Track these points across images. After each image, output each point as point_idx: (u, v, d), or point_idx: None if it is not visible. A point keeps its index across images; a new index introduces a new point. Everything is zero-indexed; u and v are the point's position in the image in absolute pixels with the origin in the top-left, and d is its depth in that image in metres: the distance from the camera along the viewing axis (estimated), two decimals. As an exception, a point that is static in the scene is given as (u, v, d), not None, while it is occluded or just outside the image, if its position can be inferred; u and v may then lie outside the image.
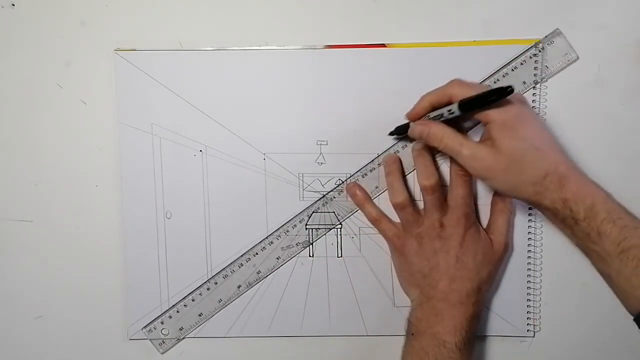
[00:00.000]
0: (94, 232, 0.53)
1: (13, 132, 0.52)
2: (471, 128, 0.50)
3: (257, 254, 0.52)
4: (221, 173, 0.52)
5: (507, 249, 0.50)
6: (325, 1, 0.50)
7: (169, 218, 0.52)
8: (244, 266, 0.53)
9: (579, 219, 0.42)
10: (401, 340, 0.51)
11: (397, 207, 0.50)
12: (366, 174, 0.52)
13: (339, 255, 0.53)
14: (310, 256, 0.52)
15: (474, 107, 0.44)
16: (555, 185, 0.43)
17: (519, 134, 0.43)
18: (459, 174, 0.49)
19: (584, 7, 0.50)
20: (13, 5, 0.51)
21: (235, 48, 0.51)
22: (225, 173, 0.52)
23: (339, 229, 0.53)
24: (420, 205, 0.51)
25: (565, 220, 0.43)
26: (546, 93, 0.50)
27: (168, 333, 0.53)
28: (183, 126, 0.51)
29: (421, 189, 0.48)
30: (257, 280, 0.53)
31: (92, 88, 0.51)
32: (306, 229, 0.53)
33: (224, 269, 0.53)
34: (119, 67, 0.51)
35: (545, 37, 0.49)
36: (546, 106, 0.50)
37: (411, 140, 0.50)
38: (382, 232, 0.51)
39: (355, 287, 0.53)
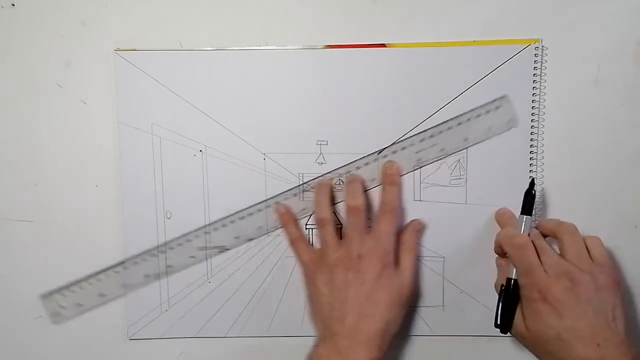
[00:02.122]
0: (94, 232, 0.53)
1: (13, 132, 0.52)
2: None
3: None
4: (221, 173, 0.52)
5: (413, 289, 0.49)
6: (325, 1, 0.50)
7: (169, 218, 0.52)
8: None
9: None
10: (402, 340, 0.52)
11: (320, 222, 0.49)
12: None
13: (339, 255, 0.53)
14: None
15: None
16: None
17: (545, 320, 0.43)
18: (387, 209, 0.49)
19: (584, 7, 0.50)
20: (13, 5, 0.51)
21: (235, 48, 0.51)
22: (225, 173, 0.52)
23: (338, 229, 0.52)
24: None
25: None
26: (546, 93, 0.50)
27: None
28: (183, 126, 0.51)
29: (346, 210, 0.48)
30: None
31: (92, 88, 0.51)
32: (306, 228, 0.52)
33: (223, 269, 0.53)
34: (119, 67, 0.51)
35: (493, 101, 0.50)
36: (545, 106, 0.50)
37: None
38: (297, 255, 0.50)
39: (355, 287, 0.53)
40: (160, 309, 0.53)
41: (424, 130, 0.50)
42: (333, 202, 0.51)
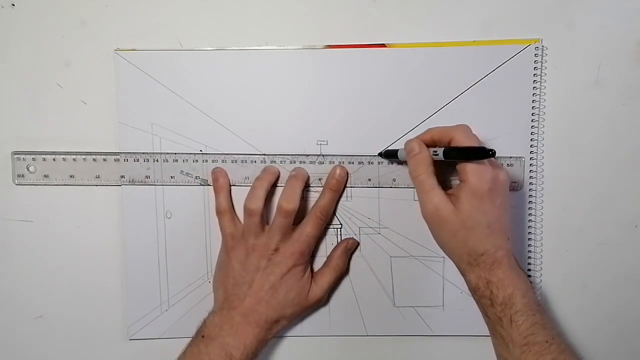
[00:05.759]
0: (94, 232, 0.53)
1: (13, 132, 0.52)
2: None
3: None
4: (221, 173, 0.52)
5: (320, 301, 0.51)
6: (325, 1, 0.50)
7: (169, 218, 0.52)
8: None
9: (495, 303, 0.45)
10: (401, 340, 0.52)
11: (248, 211, 0.49)
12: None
13: (339, 255, 0.53)
14: (310, 256, 0.52)
15: (456, 157, 0.45)
16: (487, 265, 0.45)
17: (482, 207, 0.44)
18: (318, 215, 0.50)
19: (584, 7, 0.50)
20: (13, 5, 0.51)
21: (235, 48, 0.51)
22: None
23: (338, 229, 0.52)
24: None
25: (482, 299, 0.46)
26: (546, 93, 0.50)
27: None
28: (183, 126, 0.51)
29: (277, 208, 0.49)
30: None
31: (92, 88, 0.51)
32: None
33: (224, 269, 0.53)
34: (119, 67, 0.51)
35: (510, 157, 0.50)
36: (545, 106, 0.50)
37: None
38: (221, 226, 0.51)
39: (355, 287, 0.53)
40: (160, 309, 0.53)
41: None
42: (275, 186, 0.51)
